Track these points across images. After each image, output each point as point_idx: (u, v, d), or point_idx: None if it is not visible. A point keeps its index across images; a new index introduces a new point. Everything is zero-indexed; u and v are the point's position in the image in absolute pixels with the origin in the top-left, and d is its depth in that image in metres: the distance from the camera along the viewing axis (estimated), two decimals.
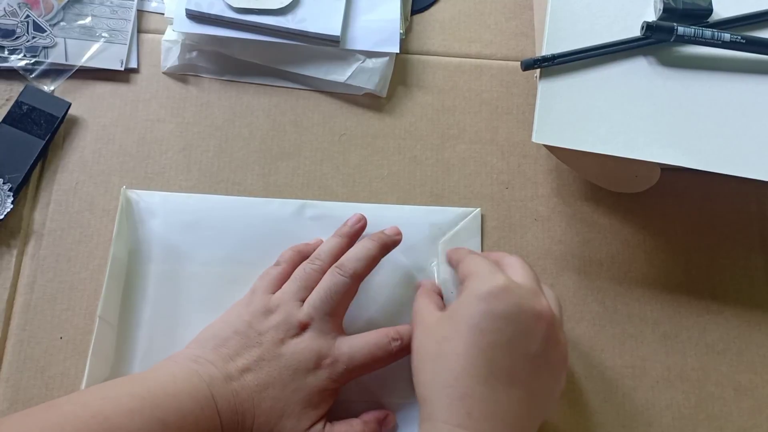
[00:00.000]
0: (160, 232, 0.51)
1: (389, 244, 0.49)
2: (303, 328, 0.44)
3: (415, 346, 0.44)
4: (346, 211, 0.52)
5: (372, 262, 0.47)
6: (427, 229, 0.53)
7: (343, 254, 0.48)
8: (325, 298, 0.45)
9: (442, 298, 0.49)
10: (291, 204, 0.53)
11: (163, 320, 0.49)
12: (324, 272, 0.47)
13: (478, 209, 0.54)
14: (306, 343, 0.44)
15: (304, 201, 0.53)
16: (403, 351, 0.46)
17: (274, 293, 0.47)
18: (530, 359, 0.40)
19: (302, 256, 0.49)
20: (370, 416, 0.46)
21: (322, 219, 0.52)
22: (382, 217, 0.52)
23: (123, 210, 0.51)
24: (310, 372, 0.43)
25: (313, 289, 0.46)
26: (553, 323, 0.42)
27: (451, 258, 0.50)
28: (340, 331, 0.46)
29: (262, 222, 0.52)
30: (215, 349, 0.43)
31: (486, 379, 0.39)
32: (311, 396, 0.43)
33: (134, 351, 0.48)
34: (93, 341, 0.46)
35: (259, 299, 0.46)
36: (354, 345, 0.45)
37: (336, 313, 0.46)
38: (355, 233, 0.50)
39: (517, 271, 0.44)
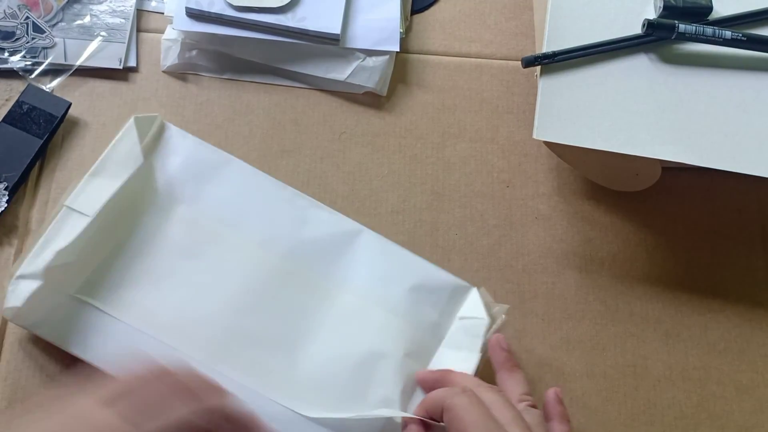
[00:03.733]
0: (175, 170, 0.51)
1: None
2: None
3: None
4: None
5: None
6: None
7: None
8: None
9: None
10: (300, 198, 0.52)
11: (137, 246, 0.49)
12: None
13: (475, 289, 0.50)
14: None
15: (314, 201, 0.52)
16: None
17: None
18: None
19: None
20: None
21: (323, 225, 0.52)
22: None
23: (154, 136, 0.51)
24: None
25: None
26: None
27: (432, 403, 0.43)
28: None
29: (263, 198, 0.52)
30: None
31: None
32: None
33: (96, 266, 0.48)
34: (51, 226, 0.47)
35: None
36: None
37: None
38: None
39: (503, 415, 0.40)
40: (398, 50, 0.56)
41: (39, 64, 0.55)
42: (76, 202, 0.47)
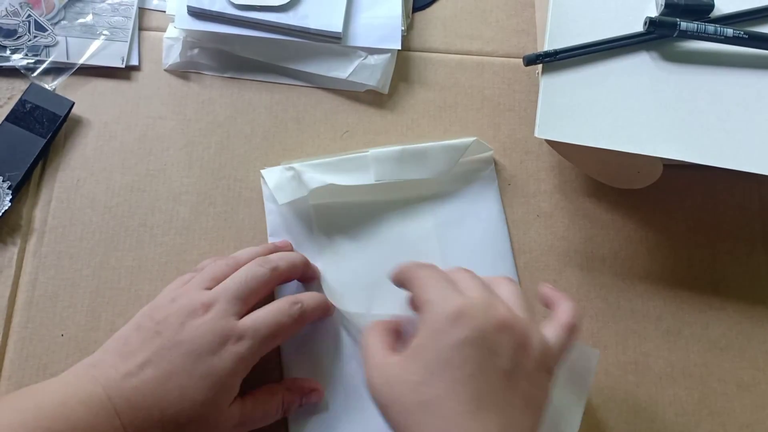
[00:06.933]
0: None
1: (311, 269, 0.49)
2: (206, 309, 0.42)
3: (385, 397, 0.38)
4: None
5: (295, 269, 0.47)
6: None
7: None
8: (239, 282, 0.44)
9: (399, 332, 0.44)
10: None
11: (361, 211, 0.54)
12: (236, 269, 0.46)
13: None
14: (207, 325, 0.42)
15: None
16: (305, 315, 0.45)
17: None
18: (505, 376, 0.37)
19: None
20: (296, 384, 0.46)
21: None
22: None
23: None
24: (215, 354, 0.41)
25: (221, 281, 0.45)
26: (516, 328, 0.38)
27: (401, 278, 0.44)
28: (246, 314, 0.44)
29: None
30: (116, 350, 0.42)
31: (475, 413, 0.36)
32: (221, 379, 0.41)
33: None
34: None
35: (164, 294, 0.45)
36: (257, 317, 0.43)
37: (246, 301, 0.44)
38: (279, 249, 0.50)
39: (466, 283, 0.41)
40: (400, 48, 0.56)
41: (41, 62, 0.55)
42: (380, 168, 0.52)
